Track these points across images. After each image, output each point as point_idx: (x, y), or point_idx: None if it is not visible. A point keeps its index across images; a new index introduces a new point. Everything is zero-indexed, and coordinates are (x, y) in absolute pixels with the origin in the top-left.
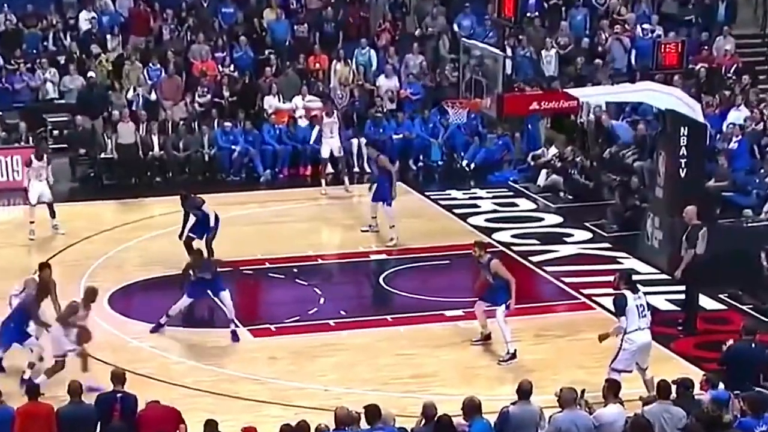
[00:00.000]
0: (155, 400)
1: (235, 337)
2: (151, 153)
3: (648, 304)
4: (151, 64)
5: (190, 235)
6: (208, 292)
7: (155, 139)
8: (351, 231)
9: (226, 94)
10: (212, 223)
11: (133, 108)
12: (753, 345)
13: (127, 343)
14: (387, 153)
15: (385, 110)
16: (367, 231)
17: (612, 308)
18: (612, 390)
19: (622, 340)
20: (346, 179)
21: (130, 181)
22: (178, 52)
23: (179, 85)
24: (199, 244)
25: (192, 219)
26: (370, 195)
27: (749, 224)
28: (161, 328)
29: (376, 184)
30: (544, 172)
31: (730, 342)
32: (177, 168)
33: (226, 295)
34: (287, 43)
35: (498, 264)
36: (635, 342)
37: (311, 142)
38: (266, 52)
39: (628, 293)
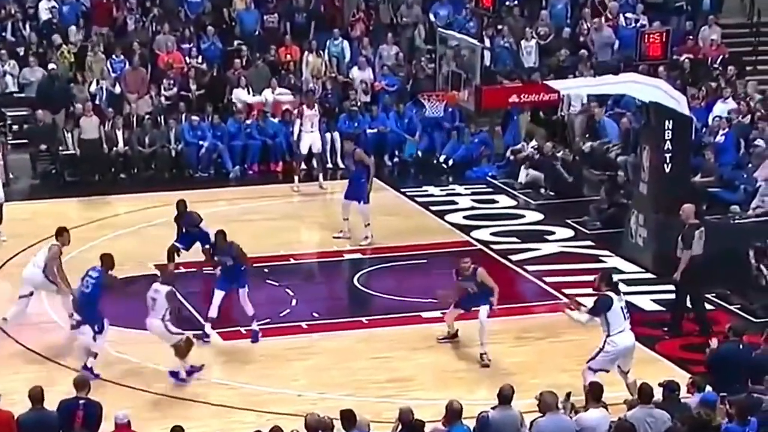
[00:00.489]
0: None
1: (255, 337)
2: (115, 148)
3: (628, 304)
4: (114, 56)
5: (176, 244)
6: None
7: (119, 134)
8: (324, 229)
9: (194, 87)
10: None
11: (97, 102)
12: (740, 346)
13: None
14: (362, 147)
15: (359, 103)
16: (339, 237)
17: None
18: (593, 394)
19: (604, 342)
20: (320, 176)
21: (94, 177)
22: (143, 43)
23: (144, 78)
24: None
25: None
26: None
27: (737, 221)
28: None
29: (350, 180)
30: (524, 167)
31: (713, 342)
32: (142, 164)
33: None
34: (257, 34)
35: (484, 272)
36: (618, 345)
37: (294, 138)
38: (235, 43)
39: (612, 295)
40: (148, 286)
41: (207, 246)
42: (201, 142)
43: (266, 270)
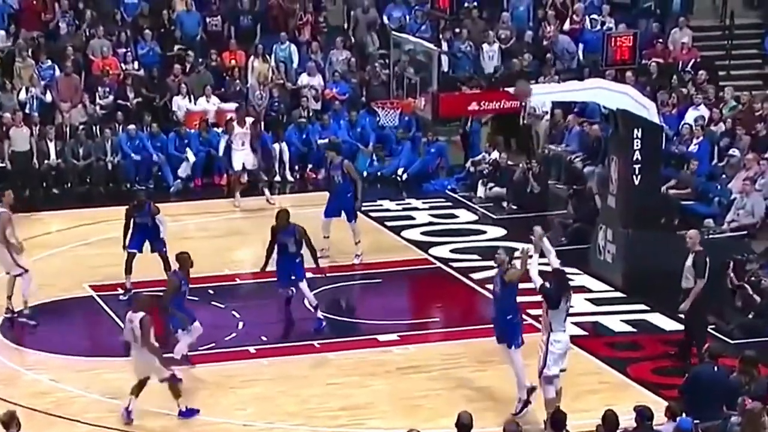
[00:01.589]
0: None
1: (320, 325)
2: (47, 161)
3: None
4: (41, 62)
5: (131, 251)
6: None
7: (51, 145)
8: None
9: (131, 95)
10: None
11: (27, 111)
12: (715, 369)
13: (22, 375)
14: (312, 159)
15: (309, 112)
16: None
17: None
18: (554, 424)
19: (547, 343)
20: (267, 190)
21: (24, 192)
22: (76, 48)
23: (77, 85)
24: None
25: (134, 228)
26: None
27: (711, 236)
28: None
29: (334, 195)
30: (481, 183)
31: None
32: (76, 178)
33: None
34: (199, 38)
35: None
36: (561, 341)
37: (221, 153)
38: (175, 47)
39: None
40: (85, 309)
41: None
42: (134, 156)
43: (211, 291)
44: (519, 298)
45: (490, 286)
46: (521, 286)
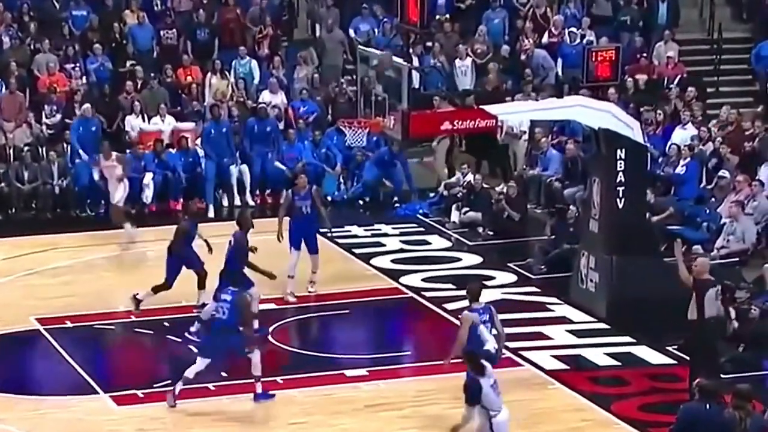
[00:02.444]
0: None
1: None
2: None
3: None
4: None
5: None
6: None
7: None
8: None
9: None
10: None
11: None
12: (708, 407)
13: None
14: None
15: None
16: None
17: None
18: None
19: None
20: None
21: None
22: (20, 63)
23: (22, 103)
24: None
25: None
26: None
27: None
28: None
29: (300, 225)
30: (455, 207)
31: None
32: (21, 203)
33: None
34: (153, 53)
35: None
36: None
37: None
38: (127, 63)
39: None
40: (33, 345)
41: None
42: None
43: (166, 324)
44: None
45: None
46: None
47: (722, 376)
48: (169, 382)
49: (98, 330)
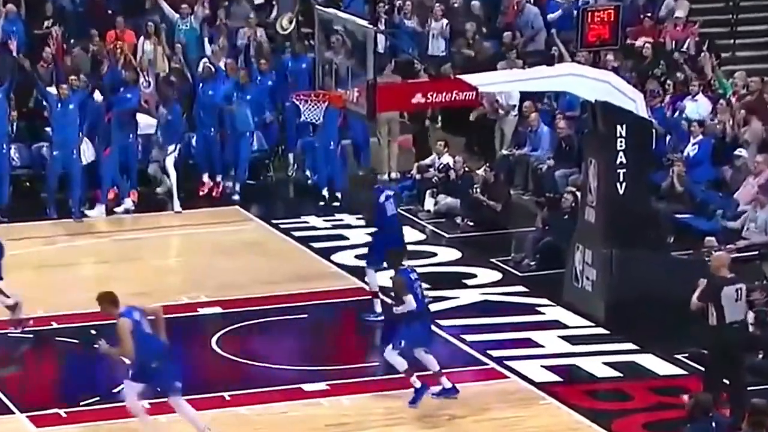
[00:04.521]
0: None
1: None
2: None
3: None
4: None
5: None
6: None
7: None
8: (171, 274)
9: None
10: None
11: None
12: (714, 425)
13: None
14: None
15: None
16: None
17: None
18: None
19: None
20: (176, 200)
21: None
22: None
23: None
24: None
25: None
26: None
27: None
28: None
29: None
30: (429, 193)
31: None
32: None
33: None
34: (75, 13)
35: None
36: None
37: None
38: (45, 24)
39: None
40: None
41: None
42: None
43: (94, 332)
44: (472, 337)
45: (444, 323)
46: (469, 321)
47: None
48: (98, 398)
49: (10, 339)
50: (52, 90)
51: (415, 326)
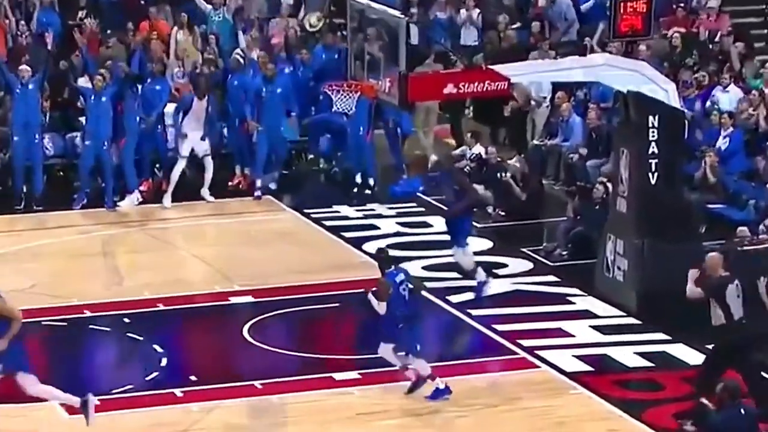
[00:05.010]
0: None
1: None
2: None
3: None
4: None
5: None
6: None
7: None
8: (203, 264)
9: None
10: None
11: None
12: (742, 411)
13: None
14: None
15: None
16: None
17: None
18: None
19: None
20: (207, 190)
21: None
22: None
23: None
24: None
25: None
26: None
27: (746, 247)
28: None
29: None
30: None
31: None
32: None
33: None
34: (109, 4)
35: None
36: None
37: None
38: (79, 15)
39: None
40: None
41: None
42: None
43: (127, 320)
44: (502, 326)
45: (475, 312)
46: (499, 311)
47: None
48: (131, 387)
49: (44, 327)
50: (88, 83)
51: (412, 328)
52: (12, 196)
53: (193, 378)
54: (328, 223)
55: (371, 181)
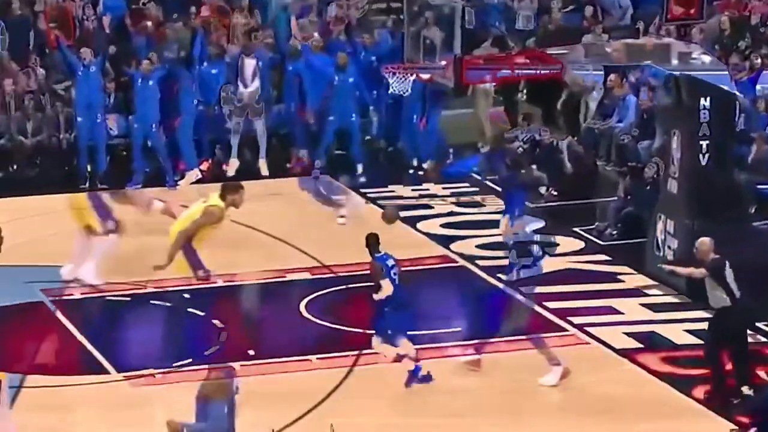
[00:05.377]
0: None
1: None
2: None
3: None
4: None
5: None
6: None
7: None
8: (261, 241)
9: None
10: None
11: None
12: None
13: None
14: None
15: None
16: None
17: None
18: None
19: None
20: (264, 165)
21: None
22: None
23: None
24: None
25: None
26: None
27: None
28: None
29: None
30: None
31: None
32: (23, 159)
33: None
34: None
35: None
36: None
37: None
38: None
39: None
40: (36, 318)
41: None
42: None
43: (187, 296)
44: (554, 304)
45: (527, 290)
46: (551, 289)
47: None
48: (190, 360)
49: (107, 302)
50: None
51: (399, 313)
52: (77, 175)
53: (251, 353)
54: (383, 202)
55: (426, 165)
